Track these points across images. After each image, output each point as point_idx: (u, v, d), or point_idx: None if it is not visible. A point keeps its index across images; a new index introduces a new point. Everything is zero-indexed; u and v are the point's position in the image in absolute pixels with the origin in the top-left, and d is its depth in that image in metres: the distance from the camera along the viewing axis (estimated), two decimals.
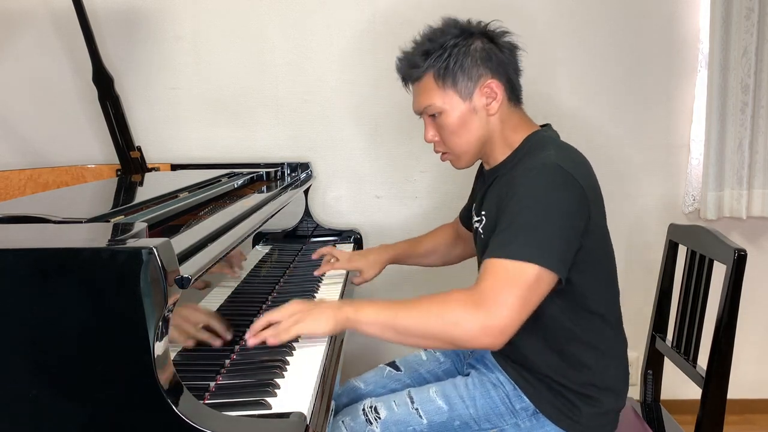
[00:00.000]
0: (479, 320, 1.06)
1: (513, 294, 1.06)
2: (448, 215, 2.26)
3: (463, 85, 1.24)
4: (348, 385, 1.49)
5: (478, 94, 1.24)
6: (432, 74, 1.25)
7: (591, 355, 1.25)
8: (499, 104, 1.25)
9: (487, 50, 1.24)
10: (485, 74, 1.24)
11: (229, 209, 1.35)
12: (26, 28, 2.18)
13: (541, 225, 1.10)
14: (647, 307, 1.72)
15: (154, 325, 0.78)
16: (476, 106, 1.25)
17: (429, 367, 1.50)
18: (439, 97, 1.25)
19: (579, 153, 1.26)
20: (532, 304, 1.09)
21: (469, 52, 1.23)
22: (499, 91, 1.24)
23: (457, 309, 1.08)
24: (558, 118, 2.23)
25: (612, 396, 1.27)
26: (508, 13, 2.19)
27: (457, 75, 1.23)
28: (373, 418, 1.27)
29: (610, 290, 1.29)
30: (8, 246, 0.80)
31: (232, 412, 0.87)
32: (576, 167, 1.17)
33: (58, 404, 0.80)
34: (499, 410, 1.27)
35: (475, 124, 1.26)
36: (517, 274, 1.07)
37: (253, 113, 2.23)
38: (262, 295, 1.45)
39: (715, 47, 2.13)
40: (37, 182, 1.97)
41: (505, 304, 1.06)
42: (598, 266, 1.24)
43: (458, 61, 1.22)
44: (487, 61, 1.23)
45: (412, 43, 1.31)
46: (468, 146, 1.29)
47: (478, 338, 1.07)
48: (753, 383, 2.42)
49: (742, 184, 2.19)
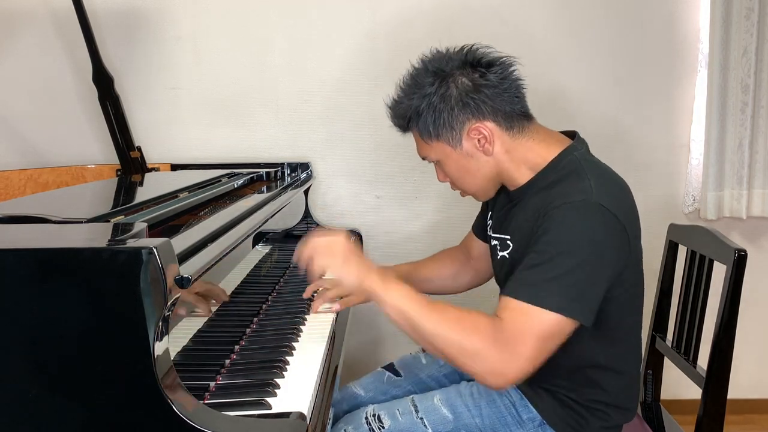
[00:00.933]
0: (493, 363, 1.04)
1: (531, 344, 1.03)
2: (447, 215, 2.27)
3: (448, 137, 1.18)
4: (347, 391, 1.45)
5: (467, 139, 1.18)
6: (417, 133, 1.23)
7: (606, 375, 1.22)
8: (491, 144, 1.18)
9: (465, 92, 1.15)
10: (467, 120, 1.16)
11: (229, 209, 1.35)
12: (26, 28, 2.18)
13: (574, 273, 1.05)
14: (647, 307, 1.72)
15: (154, 325, 0.78)
16: (469, 152, 1.19)
17: (430, 372, 1.46)
18: (431, 150, 1.22)
19: (617, 177, 1.21)
20: (548, 351, 1.06)
21: (446, 102, 1.16)
22: (487, 130, 1.17)
23: (477, 342, 1.04)
24: (558, 119, 2.24)
25: (621, 411, 1.25)
26: (507, 14, 2.20)
27: (440, 129, 1.18)
28: (376, 427, 1.24)
29: (634, 311, 1.25)
30: (8, 246, 0.80)
31: (232, 412, 0.87)
32: (618, 202, 1.12)
33: (58, 404, 0.80)
34: (506, 420, 1.24)
35: (474, 167, 1.21)
36: (540, 322, 1.04)
37: (253, 113, 2.23)
38: (262, 295, 1.45)
39: (715, 47, 2.13)
40: (37, 182, 1.97)
41: (520, 354, 1.03)
42: (631, 299, 1.21)
43: (436, 117, 1.17)
44: (465, 107, 1.16)
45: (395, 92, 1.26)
46: (477, 186, 1.26)
47: (486, 377, 1.06)
48: (753, 383, 2.42)
49: (742, 184, 2.19)
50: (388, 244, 2.26)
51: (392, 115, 1.26)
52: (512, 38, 2.20)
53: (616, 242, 1.10)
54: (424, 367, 1.47)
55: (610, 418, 1.23)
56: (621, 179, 1.21)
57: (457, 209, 2.25)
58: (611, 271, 1.09)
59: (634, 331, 1.26)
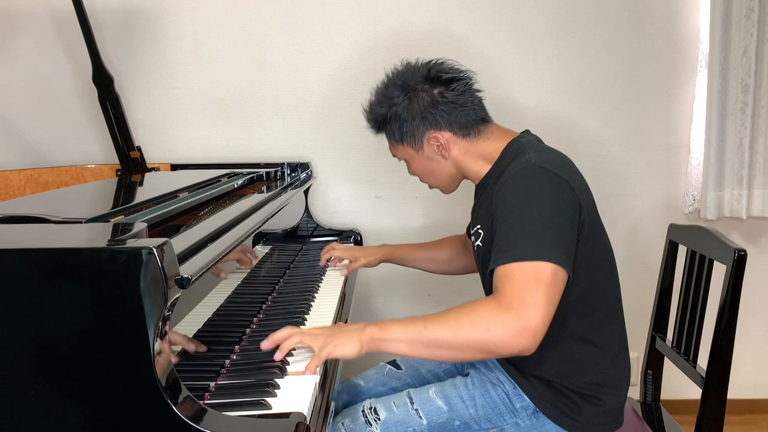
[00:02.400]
0: (512, 323, 1.04)
1: (537, 292, 1.05)
2: (447, 216, 2.27)
3: (411, 142, 1.35)
4: (348, 382, 1.50)
5: (427, 146, 1.35)
6: (385, 133, 1.40)
7: (591, 351, 1.25)
8: (447, 150, 1.33)
9: (425, 107, 1.31)
10: (426, 129, 1.33)
11: (229, 209, 1.35)
12: (26, 28, 2.18)
13: (537, 224, 1.11)
14: (647, 307, 1.72)
15: (154, 325, 0.78)
16: (430, 155, 1.36)
17: (430, 367, 1.50)
18: (399, 151, 1.40)
19: (559, 153, 1.29)
20: (555, 300, 1.08)
21: (409, 113, 1.32)
22: (444, 139, 1.32)
23: (487, 315, 1.05)
24: (558, 119, 2.24)
25: (613, 393, 1.27)
26: (507, 14, 2.20)
27: (404, 136, 1.35)
28: (372, 419, 1.27)
29: (609, 285, 1.29)
30: (8, 246, 0.80)
31: (232, 412, 0.87)
32: (557, 165, 1.21)
33: (57, 404, 0.80)
34: (499, 410, 1.28)
35: (436, 167, 1.38)
36: (535, 273, 1.07)
37: (253, 113, 2.23)
38: (262, 295, 1.45)
39: (715, 47, 2.13)
40: (37, 182, 1.97)
41: (533, 303, 1.04)
42: (595, 260, 1.24)
43: (401, 125, 1.34)
44: (424, 119, 1.32)
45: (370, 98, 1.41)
46: (440, 183, 1.42)
47: (513, 341, 1.04)
48: (753, 383, 2.42)
49: (742, 184, 2.19)
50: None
51: (367, 119, 1.43)
52: (512, 38, 2.20)
53: (563, 194, 1.17)
54: (424, 362, 1.51)
55: (602, 402, 1.25)
56: (564, 156, 1.29)
57: (457, 209, 2.25)
58: (570, 217, 1.16)
59: (612, 305, 1.30)
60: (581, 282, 1.20)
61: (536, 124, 2.24)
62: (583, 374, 1.24)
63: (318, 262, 1.74)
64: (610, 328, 1.29)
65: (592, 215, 1.23)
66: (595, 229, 1.25)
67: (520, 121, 2.19)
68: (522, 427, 1.26)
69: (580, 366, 1.24)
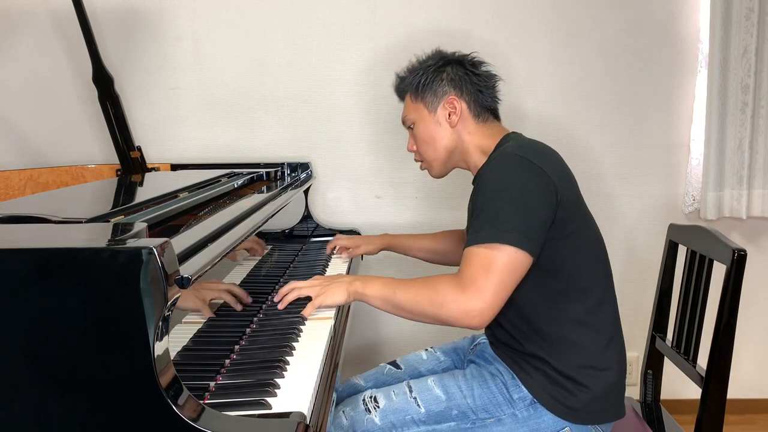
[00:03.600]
0: (462, 304, 1.17)
1: (489, 278, 1.16)
2: (447, 215, 2.27)
3: (429, 100, 1.42)
4: (348, 382, 1.51)
5: (441, 108, 1.41)
6: (410, 92, 1.46)
7: (586, 334, 1.27)
8: (458, 117, 1.40)
9: (456, 74, 1.41)
10: (449, 92, 1.41)
11: (229, 209, 1.35)
12: (26, 28, 2.18)
13: (503, 208, 1.19)
14: (647, 307, 1.72)
15: (154, 325, 0.78)
16: (439, 119, 1.41)
17: (429, 366, 1.51)
18: (413, 110, 1.45)
19: (540, 144, 1.35)
20: (509, 284, 1.19)
21: (440, 75, 1.41)
22: (459, 105, 1.40)
23: (443, 292, 1.19)
24: (558, 119, 2.24)
25: (607, 376, 1.27)
26: (507, 14, 2.20)
27: (426, 91, 1.42)
28: (372, 407, 1.31)
29: (597, 268, 1.32)
30: (8, 246, 0.80)
31: (232, 412, 0.87)
32: (533, 153, 1.27)
33: (57, 404, 0.80)
34: (497, 400, 1.29)
35: (439, 134, 1.42)
36: (490, 257, 1.17)
37: (253, 113, 2.23)
38: (262, 295, 1.45)
39: (715, 47, 2.13)
40: (37, 182, 1.97)
41: (483, 288, 1.16)
42: (580, 243, 1.28)
43: (428, 81, 1.42)
44: (452, 81, 1.41)
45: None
46: (436, 154, 1.44)
47: (462, 319, 1.18)
48: (753, 383, 2.42)
49: (742, 184, 2.19)
50: None
51: (398, 79, 1.50)
52: (512, 37, 2.20)
53: (534, 180, 1.23)
54: (424, 362, 1.53)
55: (599, 386, 1.26)
56: (545, 146, 1.35)
57: (457, 209, 2.25)
58: (540, 203, 1.21)
59: (603, 287, 1.32)
60: (567, 265, 1.26)
61: (536, 124, 2.24)
62: (580, 357, 1.26)
63: (318, 261, 1.75)
64: (604, 310, 1.31)
65: (572, 198, 1.28)
66: (578, 213, 1.30)
67: (521, 121, 2.19)
68: (519, 417, 1.27)
69: (576, 349, 1.26)
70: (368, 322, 2.33)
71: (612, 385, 1.29)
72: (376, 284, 1.29)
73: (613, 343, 1.31)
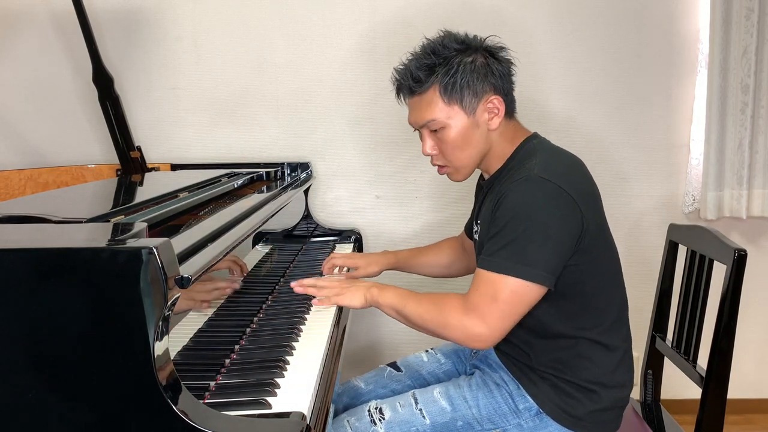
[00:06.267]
0: (465, 328, 1.17)
1: (494, 307, 1.15)
2: (447, 215, 2.27)
3: (468, 101, 1.24)
4: (348, 384, 1.50)
5: (482, 109, 1.25)
6: (437, 89, 1.24)
7: (600, 352, 1.25)
8: (500, 119, 1.26)
9: (489, 65, 1.24)
10: (489, 90, 1.25)
11: (229, 209, 1.35)
12: (26, 28, 2.18)
13: (521, 238, 1.14)
14: (647, 307, 1.72)
15: (154, 325, 0.78)
16: (479, 121, 1.26)
17: (430, 369, 1.50)
18: (444, 111, 1.25)
19: (568, 156, 1.28)
20: (515, 315, 1.17)
21: (474, 68, 1.23)
22: (501, 106, 1.26)
23: (449, 314, 1.19)
24: (558, 119, 2.24)
25: (618, 392, 1.27)
26: (507, 14, 2.20)
27: (464, 90, 1.23)
28: (377, 418, 1.28)
29: (615, 288, 1.30)
30: (8, 246, 0.80)
31: (232, 412, 0.87)
32: (561, 175, 1.18)
33: (57, 404, 0.80)
34: (502, 410, 1.28)
35: (476, 139, 1.27)
36: (498, 287, 1.15)
37: (253, 113, 2.23)
38: (262, 295, 1.45)
39: (715, 47, 2.13)
40: (37, 182, 1.97)
41: (487, 315, 1.15)
42: (601, 266, 1.25)
43: (465, 77, 1.22)
44: (490, 76, 1.24)
45: (410, 56, 1.28)
46: (469, 160, 1.29)
47: (464, 342, 1.19)
48: (753, 383, 2.42)
49: (742, 184, 2.19)
50: (387, 244, 2.25)
51: (415, 67, 1.25)
52: (512, 38, 2.19)
53: (560, 208, 1.16)
54: (424, 365, 1.51)
55: (604, 400, 1.25)
56: (574, 157, 1.29)
57: (457, 209, 2.25)
58: (562, 235, 1.16)
59: (617, 307, 1.30)
60: (587, 288, 1.23)
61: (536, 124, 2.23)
62: (591, 373, 1.24)
63: (318, 261, 1.75)
64: (618, 329, 1.29)
65: (596, 223, 1.23)
66: (601, 237, 1.25)
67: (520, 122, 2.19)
68: (525, 428, 1.26)
69: (588, 366, 1.25)
70: (368, 323, 2.33)
71: (619, 399, 1.29)
72: (390, 294, 1.29)
73: (625, 360, 1.30)
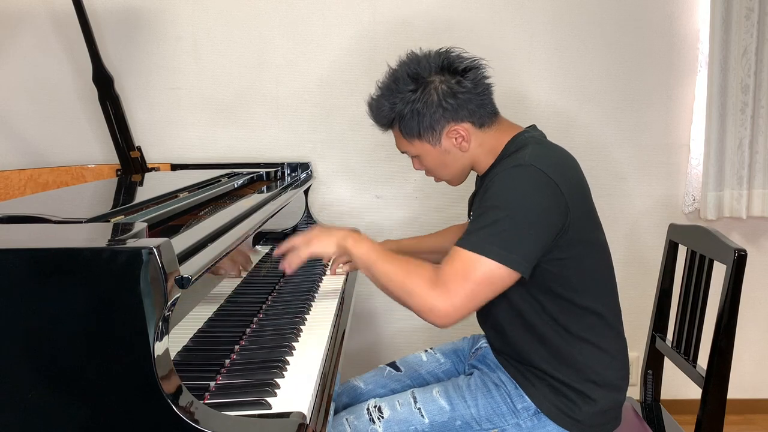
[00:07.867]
0: (429, 299, 1.15)
1: (463, 286, 1.13)
2: (447, 215, 2.27)
3: (429, 137, 1.29)
4: (348, 384, 1.50)
5: (446, 139, 1.29)
6: (398, 131, 1.32)
7: (592, 352, 1.26)
8: (468, 142, 1.29)
9: (444, 96, 1.25)
10: (447, 122, 1.27)
11: (229, 209, 1.35)
12: (26, 28, 2.18)
13: (503, 221, 1.14)
14: (647, 307, 1.72)
15: (154, 325, 0.78)
16: (447, 149, 1.31)
17: (429, 368, 1.50)
18: (411, 146, 1.33)
19: (559, 150, 1.29)
20: (482, 296, 1.16)
21: (428, 107, 1.26)
22: (465, 131, 1.28)
23: (416, 282, 1.17)
24: (558, 118, 2.24)
25: (612, 393, 1.28)
26: (507, 14, 2.20)
27: (421, 130, 1.28)
28: (376, 417, 1.29)
29: (604, 286, 1.30)
30: (8, 246, 0.80)
31: (232, 412, 0.87)
32: (551, 165, 1.20)
33: (57, 404, 0.80)
34: (501, 410, 1.28)
35: (452, 160, 1.32)
36: (472, 266, 1.14)
37: (253, 113, 2.23)
38: (262, 295, 1.45)
39: (715, 47, 2.13)
40: (37, 182, 1.97)
41: (454, 292, 1.13)
42: (586, 262, 1.25)
43: (419, 120, 1.27)
44: (445, 110, 1.26)
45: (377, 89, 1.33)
46: (453, 176, 1.37)
47: (425, 314, 1.16)
48: (753, 383, 2.42)
49: (742, 184, 2.19)
50: None
51: (374, 116, 1.35)
52: (512, 38, 2.20)
53: (546, 197, 1.17)
54: (424, 364, 1.52)
55: (601, 401, 1.26)
56: (564, 153, 1.30)
57: (457, 209, 2.25)
58: (544, 224, 1.17)
59: (608, 306, 1.30)
60: (575, 284, 1.23)
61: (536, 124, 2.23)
62: (585, 373, 1.25)
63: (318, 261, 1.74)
64: (609, 329, 1.29)
65: (583, 217, 1.23)
66: (587, 232, 1.25)
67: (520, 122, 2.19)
68: (523, 427, 1.26)
69: (582, 365, 1.25)
70: (368, 323, 2.33)
71: (615, 399, 1.29)
72: (365, 247, 1.26)
73: (618, 360, 1.30)
